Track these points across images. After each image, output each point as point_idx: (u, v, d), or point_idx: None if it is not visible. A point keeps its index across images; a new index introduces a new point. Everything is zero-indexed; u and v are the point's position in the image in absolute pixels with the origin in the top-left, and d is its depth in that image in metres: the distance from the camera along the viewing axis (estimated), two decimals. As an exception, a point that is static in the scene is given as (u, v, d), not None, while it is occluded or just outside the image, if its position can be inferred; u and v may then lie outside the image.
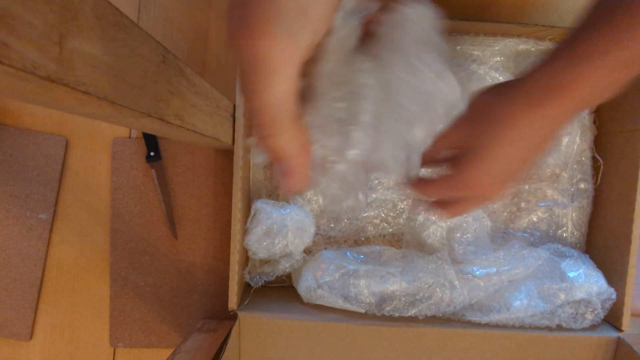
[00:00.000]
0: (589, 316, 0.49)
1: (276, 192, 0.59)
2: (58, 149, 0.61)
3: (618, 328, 0.50)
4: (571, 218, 0.58)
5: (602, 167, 0.55)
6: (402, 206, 0.58)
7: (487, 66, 0.55)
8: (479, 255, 0.52)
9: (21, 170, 0.61)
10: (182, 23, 0.62)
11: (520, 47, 0.57)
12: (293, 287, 0.56)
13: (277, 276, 0.55)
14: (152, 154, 0.60)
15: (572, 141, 0.56)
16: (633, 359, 0.47)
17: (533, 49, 0.57)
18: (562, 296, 0.49)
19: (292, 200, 0.56)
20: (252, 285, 0.55)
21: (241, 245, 0.51)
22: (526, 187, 0.58)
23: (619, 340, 0.50)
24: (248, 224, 0.52)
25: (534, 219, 0.58)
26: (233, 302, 0.50)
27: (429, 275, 0.50)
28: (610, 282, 0.51)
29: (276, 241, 0.51)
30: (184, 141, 0.59)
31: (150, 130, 0.49)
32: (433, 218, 0.56)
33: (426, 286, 0.50)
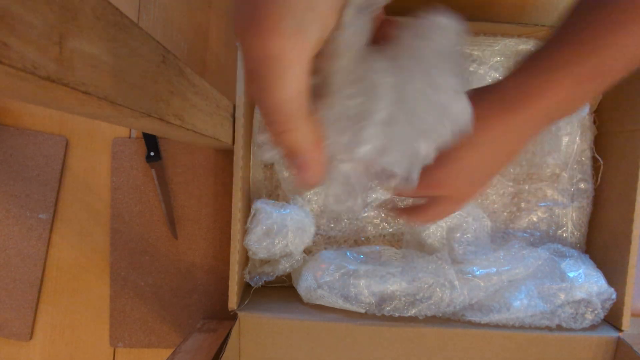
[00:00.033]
0: (589, 316, 0.49)
1: (276, 192, 0.59)
2: (58, 149, 0.61)
3: (618, 328, 0.50)
4: (571, 218, 0.58)
5: (602, 167, 0.55)
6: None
7: (487, 66, 0.55)
8: (479, 255, 0.52)
9: (21, 170, 0.61)
10: (182, 23, 0.62)
11: (520, 47, 0.57)
12: (293, 287, 0.56)
13: (277, 276, 0.55)
14: (152, 154, 0.60)
15: (572, 141, 0.56)
16: (633, 359, 0.47)
17: (533, 49, 0.57)
18: (562, 296, 0.49)
19: (292, 200, 0.56)
20: (252, 285, 0.55)
21: (241, 245, 0.51)
22: (526, 187, 0.58)
23: (619, 340, 0.50)
24: (248, 224, 0.52)
25: (534, 219, 0.58)
26: (233, 302, 0.50)
27: (429, 275, 0.50)
28: (610, 282, 0.51)
29: (276, 241, 0.51)
30: (184, 141, 0.59)
31: (150, 130, 0.49)
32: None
33: (426, 286, 0.50)
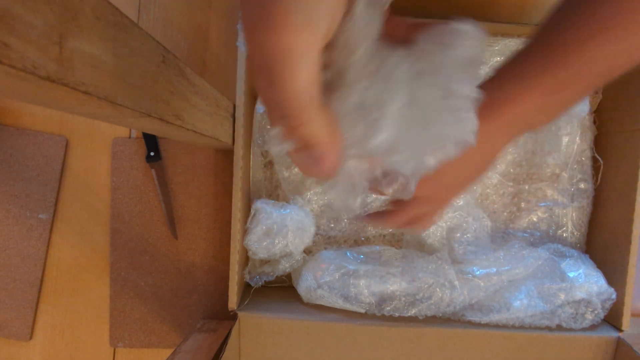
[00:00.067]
0: (589, 316, 0.49)
1: (276, 192, 0.59)
2: (58, 149, 0.61)
3: (618, 328, 0.50)
4: (571, 218, 0.58)
5: (602, 167, 0.55)
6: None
7: (487, 66, 0.55)
8: (479, 255, 0.52)
9: (21, 170, 0.61)
10: (182, 23, 0.62)
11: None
12: (293, 287, 0.56)
13: (277, 276, 0.55)
14: (152, 154, 0.60)
15: (572, 141, 0.56)
16: (633, 359, 0.47)
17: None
18: (562, 296, 0.49)
19: (292, 200, 0.56)
20: (252, 285, 0.55)
21: (241, 245, 0.51)
22: (526, 187, 0.58)
23: (619, 340, 0.50)
24: (248, 224, 0.52)
25: (534, 219, 0.58)
26: (233, 302, 0.50)
27: (429, 275, 0.50)
28: (610, 282, 0.51)
29: (276, 241, 0.51)
30: (184, 141, 0.59)
31: (150, 130, 0.49)
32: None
33: (426, 286, 0.50)
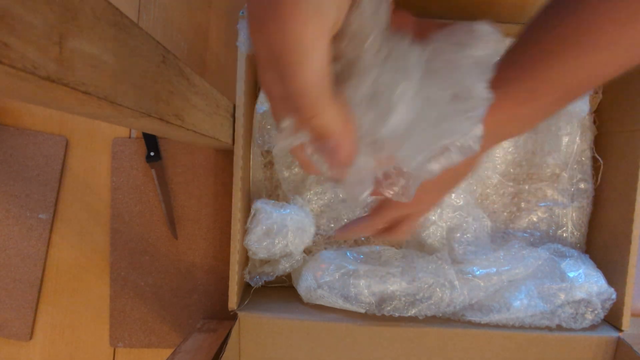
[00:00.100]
0: (589, 316, 0.49)
1: (276, 192, 0.59)
2: (58, 149, 0.61)
3: (618, 328, 0.50)
4: (571, 218, 0.58)
5: (602, 167, 0.55)
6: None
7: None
8: (479, 255, 0.52)
9: (21, 170, 0.61)
10: (182, 23, 0.62)
11: (520, 47, 0.57)
12: (293, 287, 0.56)
13: (277, 276, 0.55)
14: (152, 154, 0.60)
15: (572, 141, 0.56)
16: (633, 359, 0.47)
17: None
18: (562, 296, 0.49)
19: (292, 200, 0.56)
20: (252, 285, 0.55)
21: (241, 245, 0.51)
22: (526, 187, 0.58)
23: (619, 340, 0.50)
24: (248, 224, 0.52)
25: (534, 219, 0.58)
26: (233, 302, 0.50)
27: (429, 275, 0.50)
28: (610, 282, 0.51)
29: (276, 241, 0.51)
30: (184, 141, 0.59)
31: (150, 130, 0.49)
32: (433, 218, 0.56)
33: (426, 286, 0.50)
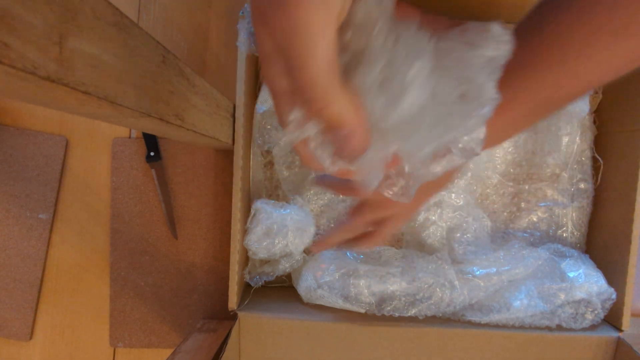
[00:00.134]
0: (589, 316, 0.49)
1: (276, 192, 0.59)
2: (58, 149, 0.61)
3: (618, 328, 0.50)
4: (571, 218, 0.58)
5: (602, 167, 0.55)
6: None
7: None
8: (479, 255, 0.52)
9: (21, 170, 0.61)
10: (182, 23, 0.62)
11: (520, 47, 0.57)
12: (293, 287, 0.56)
13: (277, 276, 0.55)
14: (152, 154, 0.60)
15: (572, 141, 0.56)
16: (633, 359, 0.47)
17: None
18: (562, 296, 0.49)
19: (292, 200, 0.56)
20: (252, 285, 0.55)
21: (241, 245, 0.51)
22: (526, 187, 0.58)
23: (619, 340, 0.50)
24: (248, 224, 0.52)
25: (534, 219, 0.58)
26: (233, 302, 0.50)
27: (429, 275, 0.50)
28: (610, 282, 0.51)
29: (276, 241, 0.51)
30: (184, 141, 0.59)
31: (150, 130, 0.49)
32: (433, 218, 0.56)
33: (426, 286, 0.50)
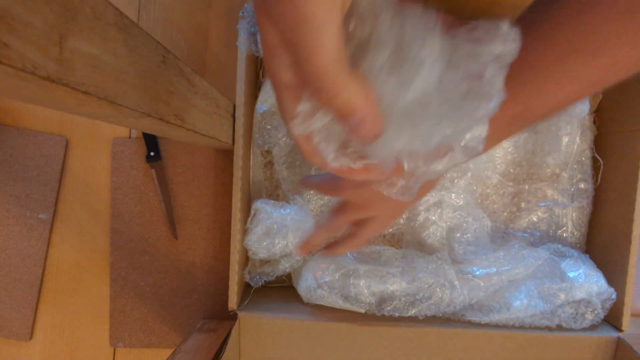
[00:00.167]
0: (589, 316, 0.49)
1: (276, 192, 0.59)
2: (58, 149, 0.61)
3: (618, 328, 0.50)
4: (571, 218, 0.58)
5: (602, 167, 0.55)
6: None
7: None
8: (479, 255, 0.52)
9: (21, 170, 0.61)
10: (182, 23, 0.62)
11: (520, 47, 0.57)
12: (293, 287, 0.55)
13: (277, 276, 0.55)
14: (152, 154, 0.60)
15: (572, 141, 0.56)
16: (633, 359, 0.47)
17: None
18: (562, 296, 0.49)
19: (292, 200, 0.56)
20: (252, 285, 0.55)
21: (241, 245, 0.51)
22: (526, 187, 0.58)
23: (619, 340, 0.50)
24: (248, 224, 0.52)
25: (534, 219, 0.58)
26: (233, 302, 0.50)
27: (429, 275, 0.50)
28: (610, 282, 0.51)
29: (276, 241, 0.51)
30: (184, 141, 0.59)
31: (150, 130, 0.49)
32: (433, 218, 0.56)
33: (426, 286, 0.50)
